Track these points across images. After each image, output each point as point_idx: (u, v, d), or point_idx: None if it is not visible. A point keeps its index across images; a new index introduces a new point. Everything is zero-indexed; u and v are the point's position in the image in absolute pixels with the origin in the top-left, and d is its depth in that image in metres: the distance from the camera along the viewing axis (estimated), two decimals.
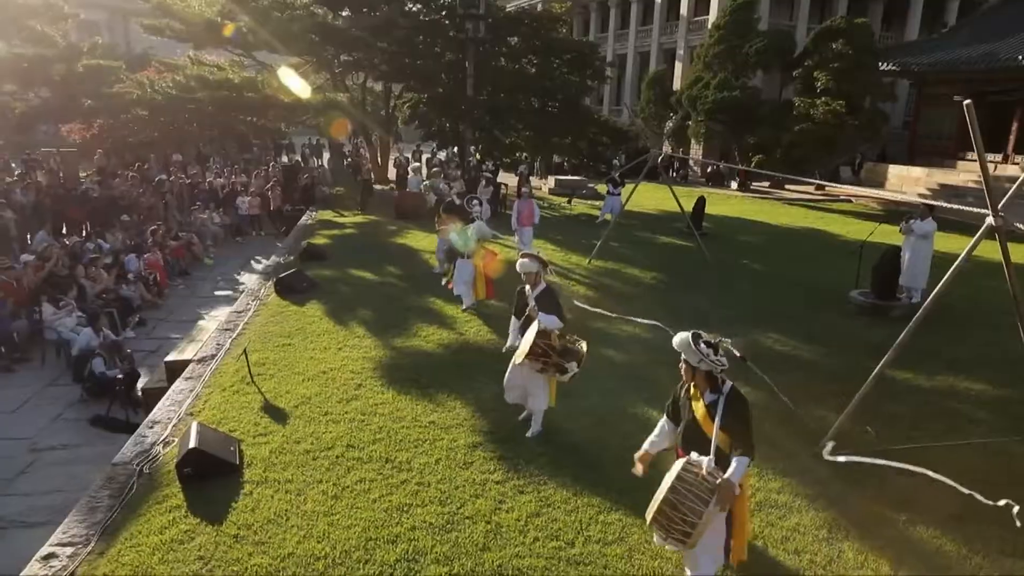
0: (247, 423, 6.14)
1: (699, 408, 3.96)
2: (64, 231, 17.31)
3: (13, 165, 22.05)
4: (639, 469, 4.27)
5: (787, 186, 27.98)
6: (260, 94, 17.61)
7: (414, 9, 20.38)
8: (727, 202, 23.82)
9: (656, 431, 4.33)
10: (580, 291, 11.00)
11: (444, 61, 20.72)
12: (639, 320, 9.37)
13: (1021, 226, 5.73)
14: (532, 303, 5.88)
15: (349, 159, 23.94)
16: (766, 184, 28.49)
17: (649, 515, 3.80)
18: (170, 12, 18.08)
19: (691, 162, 31.85)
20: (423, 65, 19.55)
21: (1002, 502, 4.99)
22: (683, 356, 3.96)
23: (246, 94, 19.44)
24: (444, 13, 20.28)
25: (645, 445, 4.32)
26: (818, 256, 14.75)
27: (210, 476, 5.14)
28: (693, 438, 3.99)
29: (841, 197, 25.50)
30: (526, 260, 6.04)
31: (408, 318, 9.35)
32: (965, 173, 24.76)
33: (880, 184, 27.45)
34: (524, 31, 21.65)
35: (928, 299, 6.08)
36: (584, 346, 5.82)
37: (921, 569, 4.39)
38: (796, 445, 5.98)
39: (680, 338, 3.95)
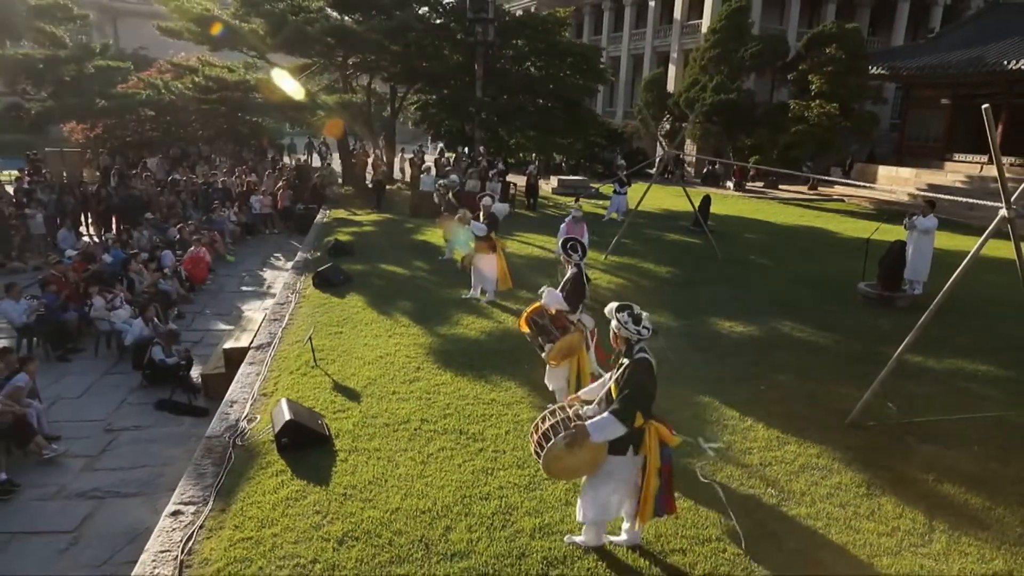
0: (324, 401, 6.65)
1: (615, 370, 4.30)
2: (88, 230, 17.70)
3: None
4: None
5: (780, 186, 28.79)
6: (276, 94, 17.99)
7: (425, 13, 20.87)
8: (725, 201, 24.48)
9: (599, 382, 4.70)
10: (601, 284, 11.56)
11: (453, 63, 21.23)
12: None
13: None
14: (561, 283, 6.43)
15: (355, 159, 24.32)
16: (760, 184, 29.27)
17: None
18: (189, 15, 18.43)
19: (686, 163, 32.55)
20: (433, 67, 20.04)
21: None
22: (612, 324, 4.28)
23: (256, 96, 19.88)
24: (453, 17, 20.77)
25: (581, 391, 4.78)
26: (820, 252, 15.44)
27: (305, 446, 5.64)
28: (608, 395, 4.32)
29: (835, 195, 26.30)
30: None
31: (446, 308, 9.87)
32: (952, 174, 25.64)
33: (870, 185, 28.30)
34: (529, 34, 22.20)
35: (943, 290, 6.59)
36: (574, 335, 6.04)
37: (952, 519, 4.98)
38: (829, 419, 6.57)
39: (608, 307, 4.31)
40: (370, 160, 24.78)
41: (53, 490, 6.57)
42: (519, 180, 21.76)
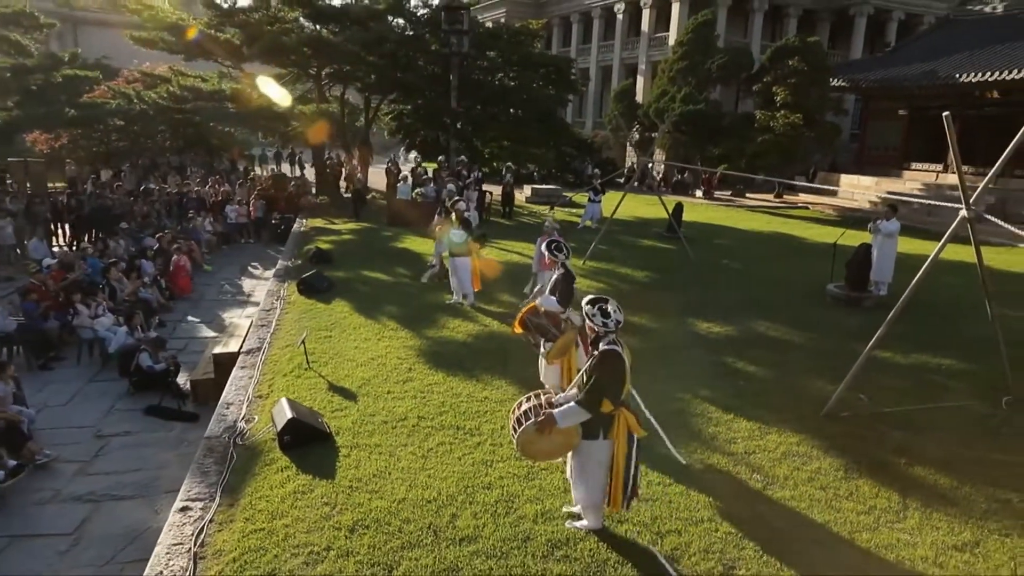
0: (321, 401, 6.78)
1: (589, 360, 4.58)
2: (60, 240, 17.48)
3: None
4: None
5: (747, 195, 29.55)
6: (251, 104, 18.00)
7: (400, 25, 21.09)
8: (695, 209, 25.02)
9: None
10: (581, 288, 11.84)
11: (428, 74, 21.47)
12: None
13: (989, 216, 6.78)
14: (548, 284, 6.69)
15: (330, 169, 24.38)
16: (728, 192, 30.01)
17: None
18: (164, 24, 18.35)
19: (656, 172, 33.19)
20: (408, 78, 20.25)
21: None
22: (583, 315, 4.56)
23: (230, 105, 19.85)
24: (428, 29, 21.02)
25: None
26: (788, 256, 15.97)
27: (307, 443, 5.78)
28: (580, 382, 4.55)
29: (799, 203, 27.10)
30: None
31: (432, 313, 10.05)
32: (910, 182, 26.63)
33: (833, 193, 29.26)
34: (502, 46, 22.56)
35: (908, 290, 6.99)
36: (570, 332, 6.22)
37: (923, 498, 5.32)
38: (806, 410, 6.90)
39: (583, 300, 4.60)
40: (345, 170, 24.85)
41: (48, 495, 6.59)
42: (494, 189, 22.04)
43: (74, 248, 16.12)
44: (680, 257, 14.67)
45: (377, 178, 25.09)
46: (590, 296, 4.61)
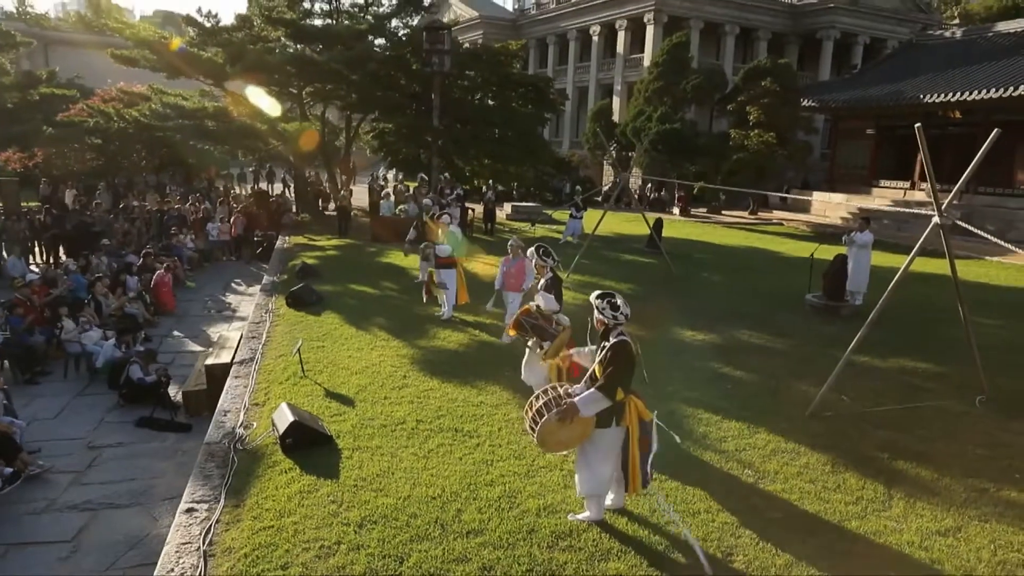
0: (319, 407, 6.86)
1: (599, 352, 4.79)
2: (43, 257, 17.30)
3: None
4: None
5: (723, 212, 30.17)
6: (235, 122, 18.07)
7: (382, 44, 21.36)
8: (672, 226, 25.48)
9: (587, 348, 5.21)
10: (567, 300, 12.03)
11: (409, 93, 21.72)
12: None
13: (961, 223, 7.13)
14: (540, 286, 6.91)
15: (311, 188, 24.45)
16: (704, 210, 30.60)
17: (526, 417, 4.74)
18: (145, 44, 18.39)
19: (633, 190, 33.72)
20: (390, 97, 20.48)
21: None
22: (594, 311, 4.81)
23: (210, 123, 19.87)
24: (410, 48, 21.31)
25: (572, 351, 5.48)
26: (766, 269, 16.38)
27: (309, 446, 5.86)
28: (592, 374, 4.81)
29: (774, 219, 27.73)
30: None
31: (422, 324, 10.18)
32: (879, 198, 27.39)
33: (805, 209, 30.02)
34: (483, 66, 22.92)
35: (883, 297, 7.33)
36: (564, 332, 6.40)
37: (907, 489, 5.56)
38: (791, 411, 7.14)
39: (592, 296, 4.88)
40: (327, 188, 24.93)
41: (43, 504, 6.56)
42: (476, 207, 22.29)
43: (52, 265, 15.96)
44: (662, 270, 14.97)
45: (359, 196, 25.23)
46: (598, 292, 4.83)
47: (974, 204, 23.44)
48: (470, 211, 21.04)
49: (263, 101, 20.19)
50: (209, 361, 8.97)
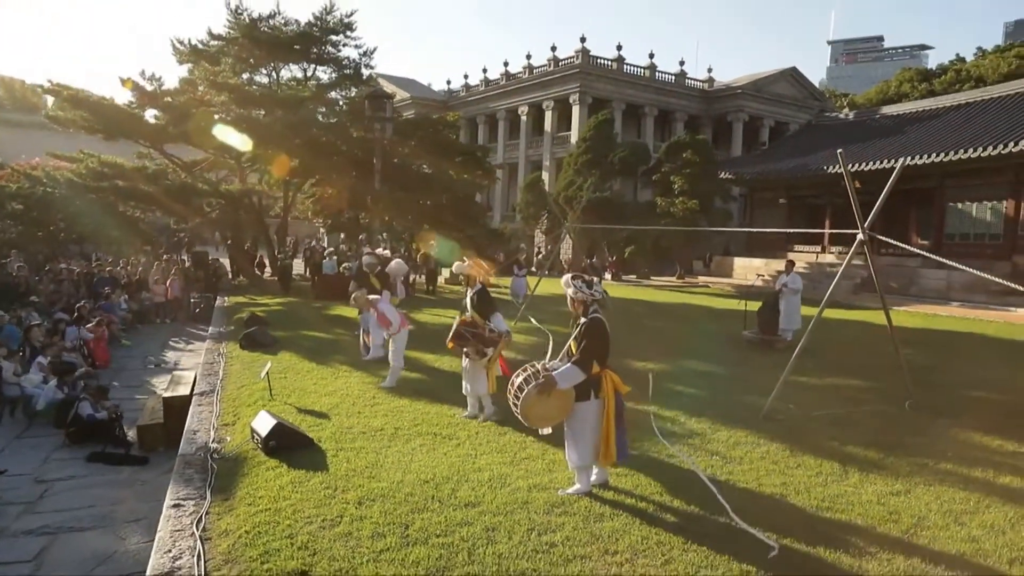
0: (295, 421, 6.83)
1: (574, 330, 5.19)
2: None
3: None
4: None
5: (652, 277, 31.56)
6: (175, 183, 17.99)
7: (323, 112, 21.94)
8: (606, 287, 26.51)
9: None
10: (520, 341, 12.39)
11: (351, 158, 22.22)
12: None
13: (881, 237, 8.00)
14: (467, 301, 7.28)
15: (247, 252, 24.24)
16: (634, 276, 31.93)
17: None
18: (83, 104, 18.28)
19: (564, 259, 34.85)
20: (334, 161, 20.91)
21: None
22: (567, 291, 5.15)
23: (142, 186, 19.68)
24: (351, 116, 21.97)
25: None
26: (701, 317, 17.28)
27: (292, 449, 5.87)
28: (568, 351, 5.16)
29: (700, 283, 29.20)
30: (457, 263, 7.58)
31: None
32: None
33: (728, 273, 31.81)
34: (422, 134, 23.79)
35: (812, 322, 8.10)
36: (504, 337, 6.94)
37: (859, 465, 6.04)
38: (747, 414, 7.62)
39: (563, 279, 5.25)
40: (262, 255, 24.77)
41: None
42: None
43: None
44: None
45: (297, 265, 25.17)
46: (569, 274, 5.21)
47: (879, 264, 25.36)
48: (412, 275, 21.34)
49: (197, 168, 20.25)
50: (167, 394, 8.74)
